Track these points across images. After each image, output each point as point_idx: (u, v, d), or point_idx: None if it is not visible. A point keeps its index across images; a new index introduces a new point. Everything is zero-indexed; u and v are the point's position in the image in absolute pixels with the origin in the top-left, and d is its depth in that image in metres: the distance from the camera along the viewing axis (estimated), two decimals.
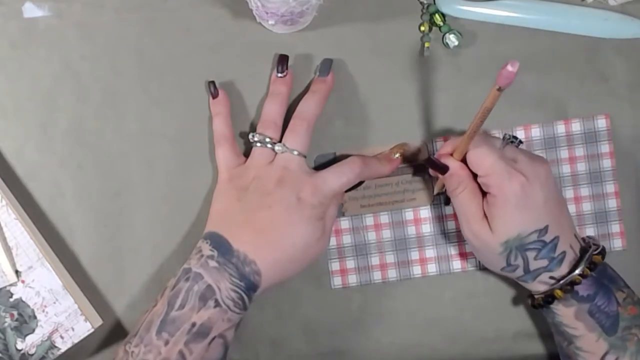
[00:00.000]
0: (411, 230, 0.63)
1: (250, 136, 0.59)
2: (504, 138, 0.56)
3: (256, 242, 0.55)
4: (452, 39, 0.61)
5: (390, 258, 0.63)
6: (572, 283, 0.55)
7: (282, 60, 0.60)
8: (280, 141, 0.58)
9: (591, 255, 0.55)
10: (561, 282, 0.55)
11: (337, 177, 0.57)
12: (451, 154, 0.57)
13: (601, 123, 0.62)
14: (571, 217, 0.58)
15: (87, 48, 0.62)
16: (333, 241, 0.63)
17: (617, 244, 0.63)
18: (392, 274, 0.63)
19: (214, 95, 0.61)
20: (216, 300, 0.53)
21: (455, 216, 0.62)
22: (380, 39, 0.62)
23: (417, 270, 0.63)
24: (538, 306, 0.57)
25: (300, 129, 0.58)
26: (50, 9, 0.62)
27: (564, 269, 0.55)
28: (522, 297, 0.63)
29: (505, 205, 0.54)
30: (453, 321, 0.63)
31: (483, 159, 0.54)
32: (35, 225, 0.61)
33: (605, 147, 0.62)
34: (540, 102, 0.62)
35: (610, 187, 0.62)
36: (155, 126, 0.62)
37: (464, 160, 0.56)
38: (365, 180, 0.60)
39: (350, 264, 0.63)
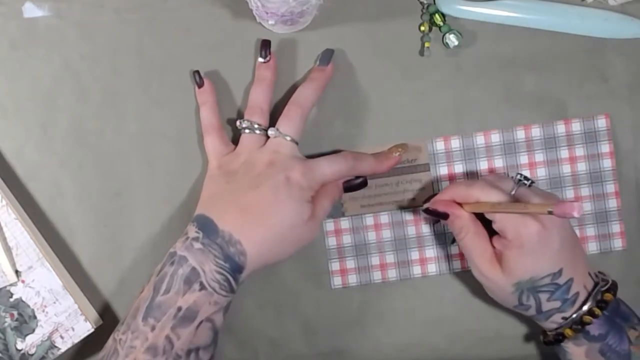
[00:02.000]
0: (411, 230, 0.63)
1: (238, 123, 0.59)
2: (514, 180, 0.55)
3: (242, 221, 0.54)
4: (452, 39, 0.61)
5: (390, 258, 0.63)
6: (583, 323, 0.54)
7: (265, 45, 0.60)
8: (272, 126, 0.58)
9: (599, 292, 0.55)
10: (572, 321, 0.54)
11: (329, 164, 0.57)
12: (455, 201, 0.57)
13: (601, 123, 0.62)
14: (585, 253, 0.57)
15: (87, 48, 0.62)
16: (333, 241, 0.63)
17: (617, 244, 0.63)
18: (392, 274, 0.63)
19: (200, 85, 0.60)
20: (201, 283, 0.53)
21: None
22: (380, 39, 0.62)
23: (417, 270, 0.63)
24: (549, 343, 0.57)
25: (294, 115, 0.57)
26: (50, 9, 0.62)
27: (576, 309, 0.55)
28: None
29: (519, 250, 0.54)
30: (453, 321, 0.63)
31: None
32: (35, 225, 0.62)
33: (605, 147, 0.62)
34: (540, 102, 0.62)
35: (610, 187, 0.62)
36: (155, 126, 0.62)
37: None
38: (361, 175, 0.60)
39: (350, 264, 0.63)
